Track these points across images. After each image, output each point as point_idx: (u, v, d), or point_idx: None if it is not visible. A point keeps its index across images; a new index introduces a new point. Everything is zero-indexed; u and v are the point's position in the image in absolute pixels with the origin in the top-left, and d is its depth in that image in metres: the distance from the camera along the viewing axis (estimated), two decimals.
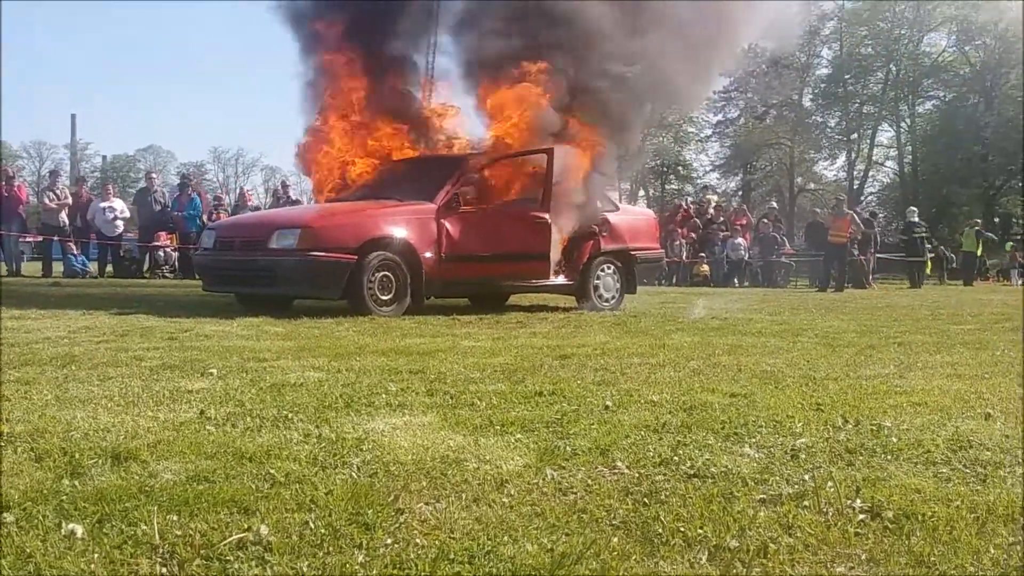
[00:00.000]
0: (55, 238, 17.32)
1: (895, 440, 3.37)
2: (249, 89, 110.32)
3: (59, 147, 68.92)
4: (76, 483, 2.61)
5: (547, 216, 9.80)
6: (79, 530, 2.21)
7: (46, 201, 17.51)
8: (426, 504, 2.51)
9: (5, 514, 2.32)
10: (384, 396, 4.11)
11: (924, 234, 23.79)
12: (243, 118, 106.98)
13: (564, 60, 10.04)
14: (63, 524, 2.25)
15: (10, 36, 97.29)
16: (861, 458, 3.12)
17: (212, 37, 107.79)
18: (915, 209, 25.63)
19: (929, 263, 24.36)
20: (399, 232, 8.87)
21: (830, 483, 2.75)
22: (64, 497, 2.47)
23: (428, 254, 8.98)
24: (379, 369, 4.97)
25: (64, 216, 17.19)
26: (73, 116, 53.70)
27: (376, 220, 8.98)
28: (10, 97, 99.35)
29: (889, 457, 3.14)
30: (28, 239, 18.99)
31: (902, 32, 46.27)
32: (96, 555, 2.08)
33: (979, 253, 26.57)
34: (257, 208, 19.60)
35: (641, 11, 10.45)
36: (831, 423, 3.68)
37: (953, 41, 46.12)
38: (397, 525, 2.34)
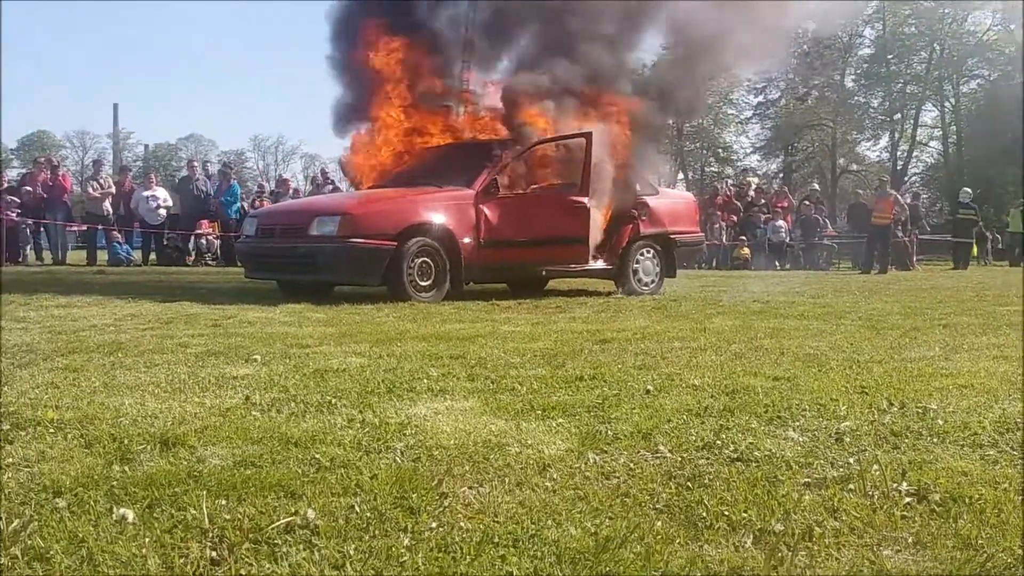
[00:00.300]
0: (99, 227, 17.58)
1: (941, 423, 3.33)
2: (289, 77, 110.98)
3: (102, 136, 69.99)
4: (126, 468, 2.66)
5: (586, 200, 9.78)
6: (130, 515, 2.25)
7: (90, 190, 17.80)
8: (469, 488, 2.53)
9: (57, 499, 2.37)
10: (425, 381, 4.14)
11: (973, 216, 23.45)
12: (283, 105, 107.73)
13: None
14: (114, 509, 2.30)
15: (52, 27, 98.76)
16: (907, 441, 3.09)
17: (253, 26, 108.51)
18: (968, 191, 25.19)
19: (975, 246, 23.96)
20: (438, 218, 8.90)
21: (875, 466, 2.72)
22: (115, 482, 2.51)
23: (467, 240, 9.00)
24: (420, 354, 5.00)
25: (108, 205, 17.45)
26: (115, 106, 54.27)
27: (415, 206, 9.00)
28: (53, 88, 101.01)
29: (935, 440, 3.10)
30: (73, 228, 19.27)
31: (946, 11, 45.42)
32: (147, 539, 2.12)
33: None
34: (297, 194, 19.78)
35: None
36: (876, 406, 3.64)
37: (998, 19, 45.21)
38: (441, 509, 2.35)
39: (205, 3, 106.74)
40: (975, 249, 24.21)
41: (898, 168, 47.70)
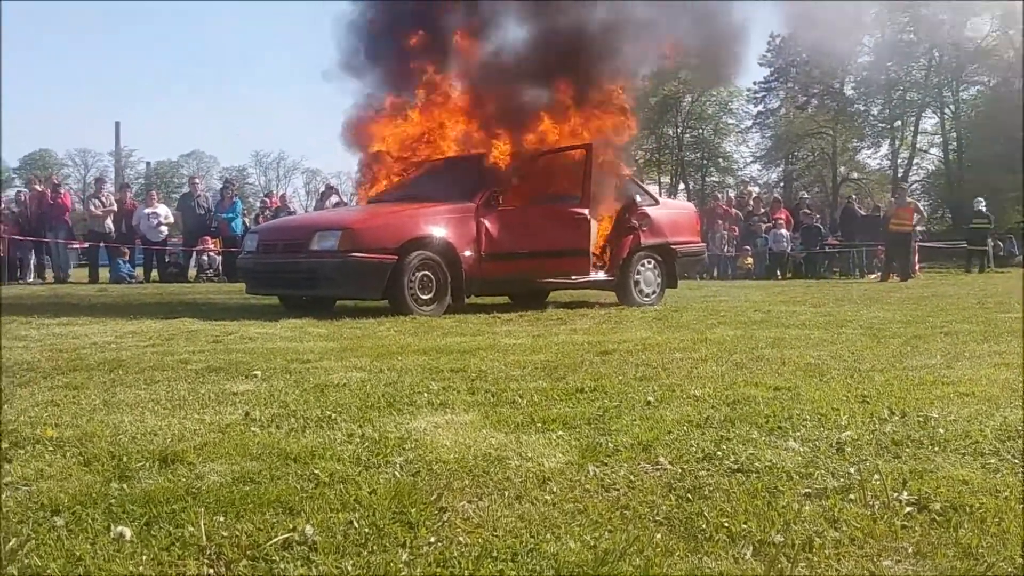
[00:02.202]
0: (101, 244, 17.61)
1: (942, 431, 3.32)
2: (290, 93, 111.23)
3: (103, 154, 70.11)
4: (124, 486, 2.65)
5: (586, 211, 9.79)
6: (127, 532, 2.25)
7: (92, 208, 17.84)
8: (469, 502, 2.52)
9: (55, 517, 2.36)
10: (426, 395, 4.13)
11: (987, 224, 23.57)
12: (284, 121, 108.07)
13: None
14: (112, 527, 2.29)
15: (53, 44, 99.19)
16: (908, 450, 3.08)
17: (255, 43, 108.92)
18: (982, 199, 25.30)
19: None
20: (438, 231, 8.91)
21: (876, 476, 2.71)
22: (113, 500, 2.51)
23: (468, 252, 9.01)
24: (420, 368, 4.99)
25: (110, 222, 17.50)
26: (117, 124, 54.16)
27: (415, 220, 9.02)
28: (55, 106, 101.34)
29: (936, 449, 3.09)
30: (75, 246, 19.32)
31: (944, 17, 45.51)
32: (144, 557, 2.11)
33: None
34: (291, 211, 19.91)
35: None
36: (877, 415, 3.64)
37: (996, 25, 45.30)
38: (440, 524, 2.35)
39: (206, 21, 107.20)
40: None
41: (899, 175, 47.74)
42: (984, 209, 24.03)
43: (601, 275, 10.23)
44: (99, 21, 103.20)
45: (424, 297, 8.71)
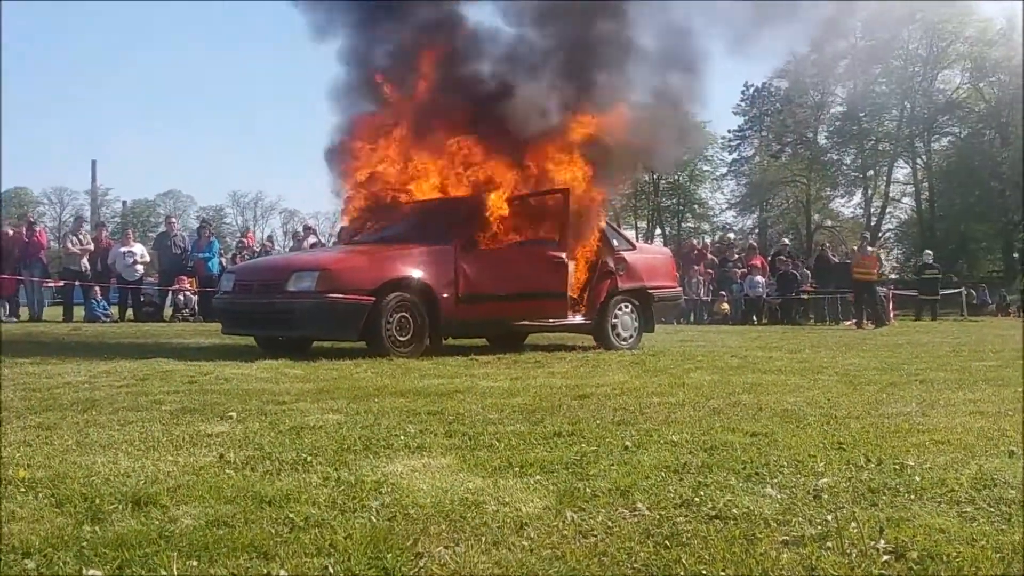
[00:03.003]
0: (76, 283, 17.48)
1: (918, 479, 3.33)
2: (267, 132, 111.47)
3: (79, 193, 69.88)
4: (96, 529, 2.61)
5: (564, 255, 9.83)
6: None
7: (69, 246, 17.73)
8: (445, 548, 2.50)
9: (26, 560, 2.33)
10: (403, 438, 4.11)
11: (937, 274, 24.70)
12: (262, 162, 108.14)
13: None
14: (84, 570, 2.26)
15: (30, 81, 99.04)
16: (884, 498, 3.08)
17: (233, 82, 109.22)
18: (930, 252, 26.96)
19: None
20: (416, 273, 8.91)
21: (853, 523, 2.71)
22: (84, 543, 2.47)
23: (446, 294, 9.01)
24: (398, 411, 4.97)
25: (86, 261, 17.40)
26: (94, 162, 54.17)
27: (393, 261, 9.02)
28: (31, 143, 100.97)
29: (913, 496, 3.10)
30: (49, 284, 19.16)
31: (916, 69, 46.42)
32: None
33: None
34: (256, 251, 20.03)
35: None
36: (853, 462, 3.64)
37: (967, 78, 46.22)
38: (416, 570, 2.32)
39: (184, 60, 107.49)
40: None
41: (872, 224, 48.32)
42: (931, 261, 25.35)
43: (579, 318, 10.25)
44: (77, 59, 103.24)
45: (402, 339, 8.69)
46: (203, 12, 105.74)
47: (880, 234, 48.92)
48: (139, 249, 18.14)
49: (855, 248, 21.56)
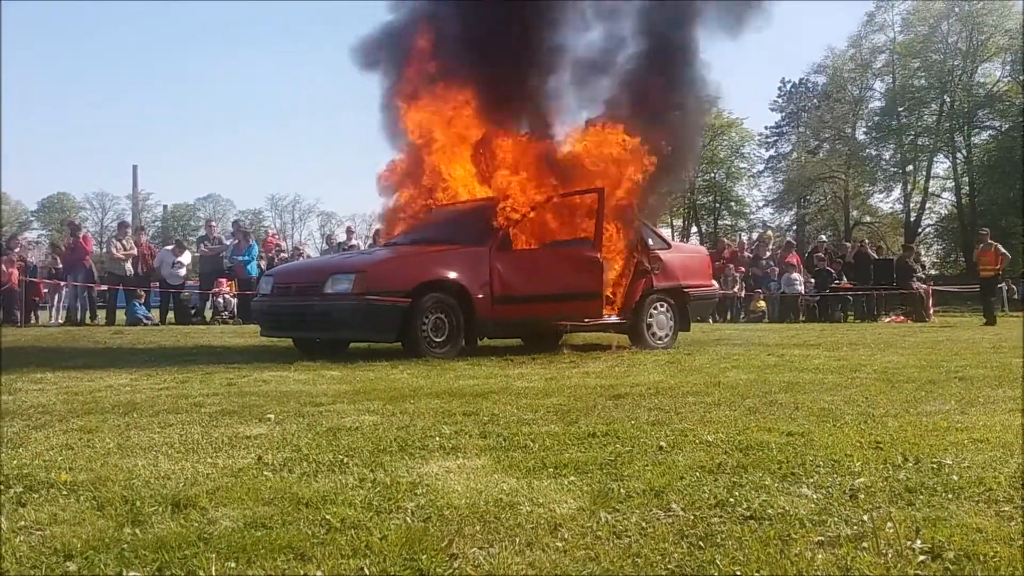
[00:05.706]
0: (120, 287, 17.76)
1: (956, 478, 3.29)
2: (307, 136, 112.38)
3: (121, 198, 70.86)
4: (137, 531, 2.66)
5: (599, 255, 9.82)
6: None
7: (113, 251, 18.02)
8: (479, 549, 2.52)
9: (68, 563, 2.37)
10: (438, 439, 4.13)
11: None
12: (299, 164, 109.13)
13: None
14: (124, 572, 2.30)
15: (75, 89, 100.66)
16: (921, 497, 3.06)
17: (271, 87, 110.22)
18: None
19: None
20: (452, 274, 8.95)
21: (890, 524, 2.69)
22: (125, 545, 2.51)
23: (481, 295, 9.04)
24: (433, 412, 5.00)
25: (129, 266, 17.69)
26: (135, 167, 54.78)
27: (429, 263, 9.07)
28: (74, 150, 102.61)
29: (950, 496, 3.07)
30: (94, 288, 19.51)
31: (955, 63, 45.78)
32: None
33: None
34: (284, 250, 20.41)
35: None
36: (890, 461, 3.61)
37: (1008, 71, 45.50)
38: (451, 571, 2.34)
39: (222, 66, 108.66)
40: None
41: (911, 219, 47.72)
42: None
43: (614, 318, 10.24)
44: (117, 64, 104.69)
45: (437, 339, 8.74)
46: (242, 13, 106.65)
47: (920, 229, 48.32)
48: (187, 258, 18.58)
49: (979, 244, 20.53)
